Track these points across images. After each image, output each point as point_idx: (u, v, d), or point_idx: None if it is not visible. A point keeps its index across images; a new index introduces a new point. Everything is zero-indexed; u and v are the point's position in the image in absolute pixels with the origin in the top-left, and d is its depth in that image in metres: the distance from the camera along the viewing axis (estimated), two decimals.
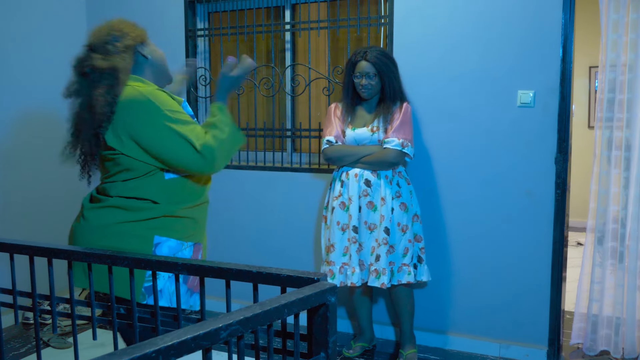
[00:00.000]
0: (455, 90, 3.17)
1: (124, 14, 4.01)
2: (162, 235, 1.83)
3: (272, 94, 3.73)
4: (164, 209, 1.84)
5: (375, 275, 2.91)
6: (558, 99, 2.97)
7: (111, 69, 1.81)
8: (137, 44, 1.90)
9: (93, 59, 1.84)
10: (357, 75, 2.96)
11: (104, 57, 1.84)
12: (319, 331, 1.26)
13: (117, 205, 1.83)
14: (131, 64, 1.88)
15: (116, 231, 1.81)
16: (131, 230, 1.81)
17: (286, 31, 3.68)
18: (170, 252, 1.85)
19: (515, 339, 3.16)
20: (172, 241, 1.85)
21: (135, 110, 1.78)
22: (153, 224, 1.83)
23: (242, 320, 1.06)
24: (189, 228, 1.91)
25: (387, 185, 2.95)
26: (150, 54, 1.94)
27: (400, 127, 2.92)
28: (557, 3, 2.94)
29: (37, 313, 1.82)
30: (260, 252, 3.75)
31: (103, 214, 1.84)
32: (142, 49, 1.92)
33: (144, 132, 1.77)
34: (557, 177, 3.00)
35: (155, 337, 0.97)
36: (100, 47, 1.86)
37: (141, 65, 1.92)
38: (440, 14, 3.18)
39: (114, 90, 1.79)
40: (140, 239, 1.81)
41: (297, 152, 3.78)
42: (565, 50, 2.94)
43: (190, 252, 1.92)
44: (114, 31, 1.88)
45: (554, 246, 3.02)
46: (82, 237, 1.86)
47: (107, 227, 1.82)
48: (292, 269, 1.45)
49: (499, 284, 3.17)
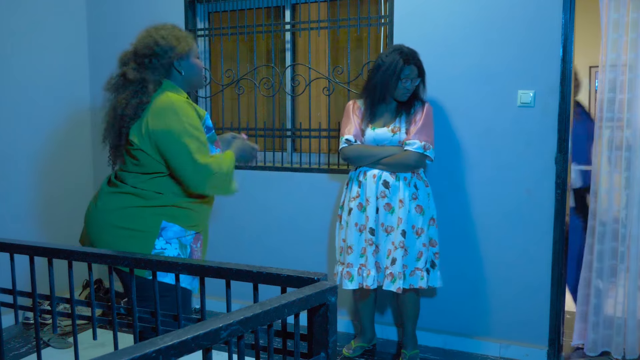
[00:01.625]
0: (456, 90, 3.17)
1: (125, 14, 4.03)
2: (168, 221, 2.06)
3: (272, 94, 3.73)
4: (170, 199, 2.07)
5: (390, 279, 2.86)
6: (558, 98, 2.97)
7: (140, 80, 2.04)
8: (175, 61, 2.10)
9: (127, 67, 2.08)
10: (404, 79, 2.85)
11: (137, 69, 2.07)
12: (319, 331, 1.26)
13: (131, 192, 2.07)
14: (165, 75, 2.10)
15: (130, 214, 2.05)
16: (142, 213, 2.05)
17: (286, 31, 3.68)
18: (174, 235, 2.07)
19: (516, 338, 3.16)
20: (177, 227, 2.08)
21: (162, 115, 1.99)
22: (161, 211, 2.06)
23: (243, 320, 1.06)
24: (192, 219, 2.12)
25: (406, 187, 2.89)
26: (186, 69, 2.14)
27: (423, 129, 2.86)
28: (557, 3, 2.94)
29: (37, 313, 1.82)
30: (260, 252, 3.75)
31: (120, 199, 2.08)
32: (179, 65, 2.12)
33: (162, 135, 1.99)
34: (557, 177, 3.00)
35: (155, 337, 0.97)
36: (139, 57, 2.08)
37: (176, 76, 2.14)
38: (440, 14, 3.18)
39: (139, 97, 2.02)
40: (150, 221, 2.04)
41: (297, 152, 3.78)
42: (565, 50, 2.94)
43: (191, 240, 2.14)
44: (160, 44, 2.07)
45: (554, 246, 3.02)
46: (100, 217, 2.09)
47: (123, 210, 2.06)
48: (293, 269, 1.45)
49: (499, 283, 3.17)
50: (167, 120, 1.98)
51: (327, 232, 3.53)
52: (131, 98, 2.02)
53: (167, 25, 2.14)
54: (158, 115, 2.00)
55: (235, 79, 3.80)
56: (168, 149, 1.98)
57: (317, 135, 3.63)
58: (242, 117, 3.87)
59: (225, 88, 3.87)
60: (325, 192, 3.52)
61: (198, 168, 1.96)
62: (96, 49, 4.08)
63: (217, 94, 3.93)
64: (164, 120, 1.98)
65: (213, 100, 3.99)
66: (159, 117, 1.99)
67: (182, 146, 1.96)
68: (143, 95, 2.03)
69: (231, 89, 3.87)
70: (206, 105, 3.96)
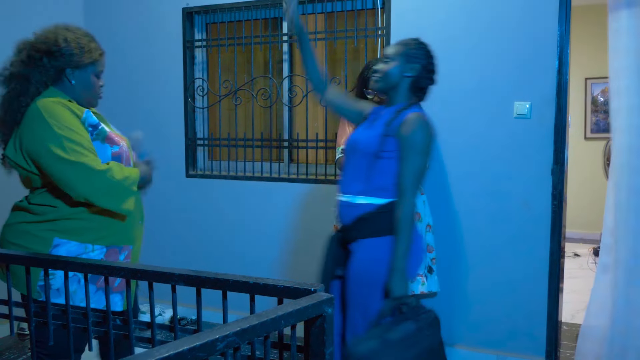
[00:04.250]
0: (452, 102, 3.18)
1: (122, 25, 4.04)
2: (62, 237, 1.89)
3: (269, 104, 3.74)
4: (64, 211, 1.89)
5: None
6: (554, 110, 2.98)
7: (24, 76, 1.88)
8: (68, 68, 1.93)
9: (18, 57, 1.91)
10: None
11: (26, 62, 1.89)
12: (316, 342, 1.26)
13: (24, 207, 1.94)
14: (53, 79, 1.92)
15: (22, 230, 1.91)
16: (32, 230, 1.90)
17: (284, 42, 3.70)
18: (68, 254, 1.89)
19: (513, 350, 3.15)
20: (73, 244, 1.89)
21: (29, 124, 1.84)
22: (52, 226, 1.89)
23: (239, 331, 1.06)
24: (96, 231, 1.92)
25: None
26: (78, 81, 1.96)
27: None
28: (552, 15, 2.96)
29: (32, 323, 1.81)
30: (256, 263, 3.74)
31: (15, 214, 1.97)
32: (72, 74, 1.94)
33: (30, 144, 1.83)
34: (554, 188, 3.00)
35: (152, 348, 0.97)
36: (33, 50, 1.90)
37: (65, 84, 1.96)
38: (436, 26, 3.20)
39: (19, 99, 1.87)
40: (39, 239, 1.89)
41: (294, 162, 3.78)
42: (561, 61, 2.96)
43: (101, 256, 1.94)
44: (58, 45, 1.90)
45: (551, 257, 3.02)
46: (2, 232, 1.98)
47: (16, 225, 1.93)
48: (289, 280, 1.45)
49: (496, 294, 3.17)
50: (34, 128, 1.83)
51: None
52: (11, 100, 1.87)
53: (81, 31, 1.99)
54: (26, 125, 1.85)
55: (233, 89, 3.81)
56: (39, 157, 1.82)
57: (314, 146, 3.63)
58: (240, 127, 3.88)
59: (223, 99, 3.87)
60: (322, 202, 3.52)
61: (75, 167, 1.79)
62: None
63: (214, 104, 3.94)
64: (31, 128, 1.83)
65: (210, 111, 4.00)
66: (27, 127, 1.84)
67: (49, 151, 1.79)
68: (22, 97, 1.87)
69: (229, 100, 3.88)
70: (203, 116, 3.97)
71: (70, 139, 1.81)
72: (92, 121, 1.92)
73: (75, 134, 1.83)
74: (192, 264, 3.87)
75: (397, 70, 2.19)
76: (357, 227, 2.15)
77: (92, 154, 1.84)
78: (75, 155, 1.79)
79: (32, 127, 1.84)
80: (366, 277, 2.11)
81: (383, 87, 2.22)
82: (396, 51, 2.21)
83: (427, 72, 2.23)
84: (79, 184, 1.80)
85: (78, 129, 1.85)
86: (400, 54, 2.20)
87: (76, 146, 1.81)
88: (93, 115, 1.95)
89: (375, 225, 2.11)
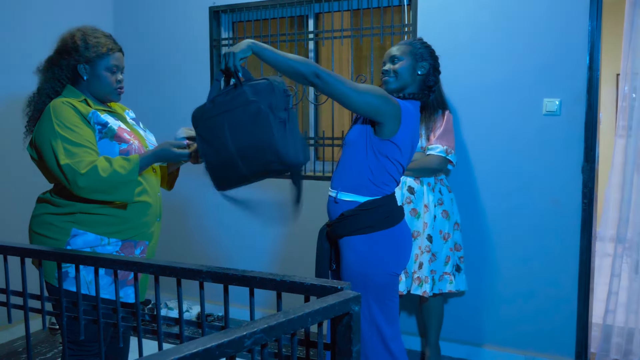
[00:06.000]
0: (481, 99, 3.15)
1: (150, 25, 4.09)
2: (79, 228, 2.00)
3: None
4: (79, 206, 2.00)
5: (417, 283, 2.90)
6: (585, 107, 2.93)
7: (47, 77, 2.05)
8: (79, 64, 2.03)
9: (43, 62, 2.08)
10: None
11: (48, 65, 2.06)
12: (343, 340, 1.25)
13: (47, 199, 2.07)
14: (69, 77, 2.05)
15: (44, 220, 2.04)
16: (53, 220, 2.02)
17: (309, 40, 3.70)
18: (85, 244, 1.99)
19: (542, 350, 3.11)
20: (89, 235, 2.00)
21: (39, 122, 1.99)
22: (71, 218, 2.00)
23: (266, 328, 1.06)
24: (112, 225, 2.02)
25: (430, 192, 2.93)
26: (90, 76, 2.04)
27: (444, 135, 2.89)
28: (584, 10, 2.91)
29: (64, 318, 1.85)
30: (281, 261, 3.76)
31: (38, 207, 2.10)
32: (83, 70, 2.04)
33: (37, 141, 1.98)
34: (584, 187, 2.95)
35: (180, 344, 0.98)
36: (52, 53, 2.07)
37: (79, 81, 2.06)
38: (464, 21, 3.17)
39: (43, 96, 2.04)
40: (59, 229, 2.00)
41: (319, 160, 3.78)
42: (592, 57, 2.91)
43: (116, 248, 2.03)
44: (68, 44, 2.03)
45: (581, 257, 2.97)
46: (30, 222, 2.11)
47: (39, 217, 2.06)
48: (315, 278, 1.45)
49: (524, 293, 3.13)
50: (42, 125, 1.97)
51: None
52: (37, 98, 2.04)
53: (93, 29, 2.08)
54: (38, 122, 2.00)
55: None
56: (42, 154, 1.96)
57: (340, 144, 3.63)
58: None
59: None
60: None
61: (63, 168, 1.89)
62: None
63: None
64: (39, 126, 1.98)
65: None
66: (38, 124, 2.00)
67: (48, 148, 1.93)
68: (44, 96, 2.04)
69: None
70: None
71: (68, 139, 1.91)
72: (100, 120, 2.01)
73: (75, 134, 1.93)
74: (220, 261, 3.90)
75: (409, 69, 2.20)
76: (341, 224, 2.18)
77: (88, 154, 1.92)
78: (68, 155, 1.89)
79: (41, 125, 1.98)
80: (355, 278, 2.14)
81: (397, 86, 2.22)
82: (403, 51, 2.22)
83: (434, 70, 2.25)
84: (69, 184, 1.91)
85: (80, 128, 1.95)
86: (408, 53, 2.21)
87: (72, 147, 1.91)
88: (101, 115, 2.03)
89: (358, 223, 2.14)
